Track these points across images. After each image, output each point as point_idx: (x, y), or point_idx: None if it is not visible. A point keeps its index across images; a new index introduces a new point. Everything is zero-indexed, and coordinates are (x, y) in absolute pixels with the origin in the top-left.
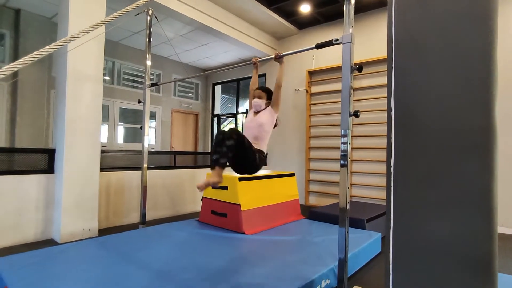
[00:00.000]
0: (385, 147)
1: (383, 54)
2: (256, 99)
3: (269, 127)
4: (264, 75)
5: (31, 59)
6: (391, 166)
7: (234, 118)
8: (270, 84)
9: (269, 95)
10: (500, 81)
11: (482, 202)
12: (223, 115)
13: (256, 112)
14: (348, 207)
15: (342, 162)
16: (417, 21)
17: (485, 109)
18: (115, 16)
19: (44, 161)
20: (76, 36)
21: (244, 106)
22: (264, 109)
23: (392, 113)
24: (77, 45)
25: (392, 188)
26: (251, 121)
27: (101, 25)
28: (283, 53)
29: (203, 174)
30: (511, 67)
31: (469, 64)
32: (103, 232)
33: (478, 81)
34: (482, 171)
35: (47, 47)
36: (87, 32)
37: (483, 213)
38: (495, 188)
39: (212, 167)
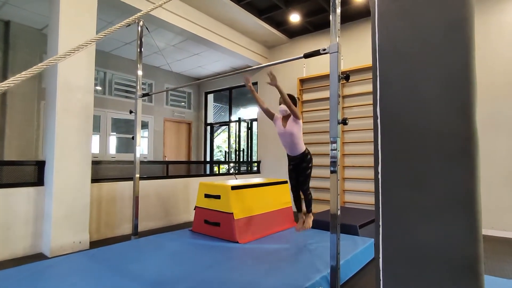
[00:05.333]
0: None
1: None
2: (281, 106)
3: (299, 133)
4: (256, 83)
5: (23, 77)
6: (378, 173)
7: (227, 126)
8: (263, 91)
9: (292, 101)
10: (487, 86)
11: (467, 206)
12: (216, 123)
13: (284, 118)
14: (339, 213)
15: (332, 168)
16: (400, 31)
17: (466, 115)
18: (108, 32)
19: (33, 173)
20: (67, 53)
21: (236, 114)
22: (289, 115)
23: (378, 120)
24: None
25: (380, 194)
26: (284, 132)
27: (93, 42)
28: (273, 62)
29: (196, 183)
30: (496, 72)
31: (450, 72)
32: (94, 244)
33: (458, 88)
34: (465, 175)
35: (39, 64)
36: (82, 47)
37: (468, 216)
38: (479, 191)
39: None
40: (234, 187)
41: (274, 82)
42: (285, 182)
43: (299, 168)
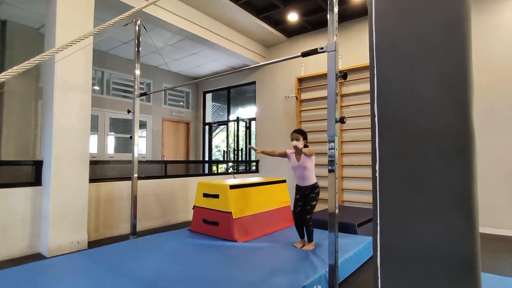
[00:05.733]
0: None
1: None
2: (294, 141)
3: (312, 167)
4: (254, 82)
5: (18, 70)
6: (376, 171)
7: (226, 125)
8: (262, 91)
9: (303, 136)
10: (485, 84)
11: (464, 204)
12: (215, 123)
13: (297, 154)
14: (337, 212)
15: (329, 167)
16: (397, 29)
17: (463, 113)
18: (102, 27)
19: (31, 173)
20: (64, 46)
21: (235, 113)
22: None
23: (376, 118)
24: (65, 55)
25: (377, 192)
26: (297, 166)
27: (88, 36)
28: (271, 61)
29: (195, 183)
30: (494, 70)
31: (447, 71)
32: (92, 244)
33: (455, 87)
34: (462, 173)
35: (34, 58)
36: (75, 43)
37: (465, 214)
38: (476, 189)
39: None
40: (232, 186)
41: (301, 153)
42: (284, 181)
43: (307, 197)
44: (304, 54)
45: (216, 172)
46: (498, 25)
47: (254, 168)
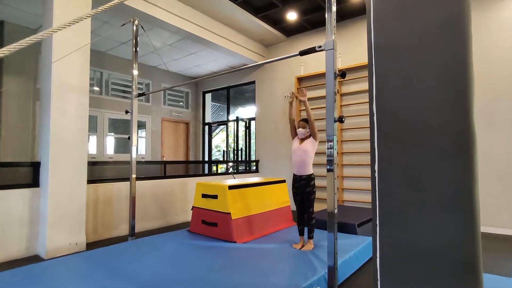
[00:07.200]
0: None
1: None
2: (300, 129)
3: (312, 153)
4: (253, 82)
5: (16, 47)
6: (375, 171)
7: (225, 125)
8: (261, 90)
9: (309, 126)
10: (486, 82)
11: (464, 204)
12: (214, 123)
13: (301, 140)
14: (336, 211)
15: (328, 167)
16: (395, 27)
17: (463, 111)
18: (98, 11)
19: (29, 174)
20: (61, 27)
21: (234, 113)
22: (307, 137)
23: (375, 118)
24: (61, 56)
25: (377, 192)
26: (298, 148)
27: (86, 18)
28: (269, 60)
29: (194, 183)
30: (495, 67)
31: (447, 68)
32: (91, 245)
33: (455, 84)
34: (463, 172)
35: (29, 37)
36: (73, 23)
37: (466, 214)
38: (477, 189)
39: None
40: (231, 187)
41: (304, 98)
42: (283, 181)
43: (304, 192)
44: (302, 53)
45: (216, 172)
46: (501, 22)
47: (254, 168)
